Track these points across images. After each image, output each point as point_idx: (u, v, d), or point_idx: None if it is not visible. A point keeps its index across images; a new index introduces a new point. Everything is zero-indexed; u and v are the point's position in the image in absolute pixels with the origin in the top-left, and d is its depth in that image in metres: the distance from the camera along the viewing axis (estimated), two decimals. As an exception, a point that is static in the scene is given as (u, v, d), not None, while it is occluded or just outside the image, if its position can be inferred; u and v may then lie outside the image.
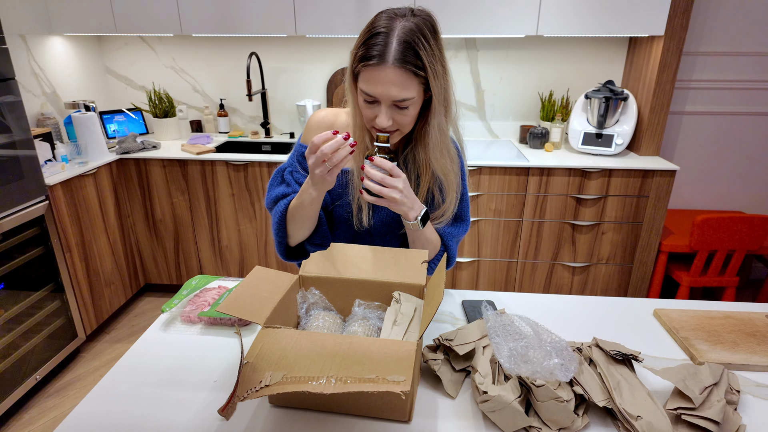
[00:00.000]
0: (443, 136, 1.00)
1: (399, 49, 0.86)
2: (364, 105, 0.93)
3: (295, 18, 2.40)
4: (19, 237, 1.91)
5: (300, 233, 1.06)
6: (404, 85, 0.88)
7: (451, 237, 1.11)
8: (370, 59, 0.87)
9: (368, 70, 0.88)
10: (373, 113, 0.93)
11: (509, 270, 2.56)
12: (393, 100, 0.89)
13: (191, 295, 1.11)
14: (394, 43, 0.86)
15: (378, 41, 0.86)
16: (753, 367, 0.89)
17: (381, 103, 0.90)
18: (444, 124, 0.99)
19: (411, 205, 0.95)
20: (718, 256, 2.22)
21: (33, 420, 1.92)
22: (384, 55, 0.86)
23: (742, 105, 2.67)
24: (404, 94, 0.88)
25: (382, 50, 0.86)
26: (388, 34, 0.86)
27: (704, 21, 2.52)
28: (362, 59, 0.88)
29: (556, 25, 2.31)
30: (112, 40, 2.87)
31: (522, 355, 0.74)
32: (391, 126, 0.93)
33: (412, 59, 0.86)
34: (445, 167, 1.02)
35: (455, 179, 1.05)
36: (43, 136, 2.22)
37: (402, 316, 0.85)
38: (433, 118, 0.96)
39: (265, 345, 0.72)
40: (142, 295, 2.85)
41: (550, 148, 2.55)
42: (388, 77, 0.87)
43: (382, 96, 0.89)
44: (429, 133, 0.98)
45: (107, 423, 0.76)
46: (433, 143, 0.99)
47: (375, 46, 0.86)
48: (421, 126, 1.00)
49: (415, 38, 0.86)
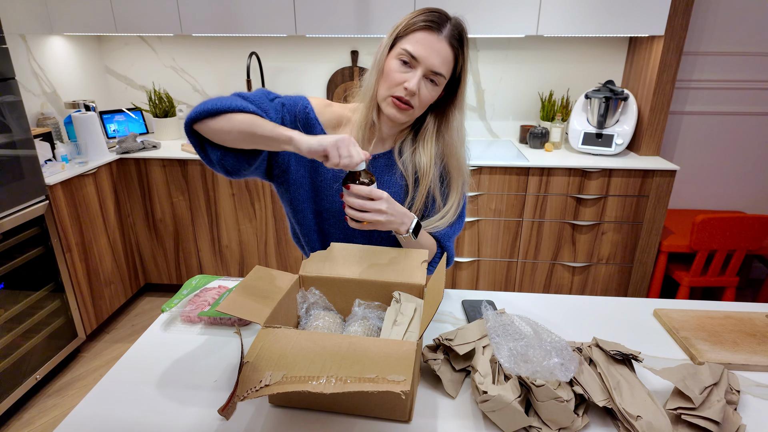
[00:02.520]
0: (463, 134, 1.05)
1: (453, 30, 0.95)
2: (396, 68, 0.95)
3: (295, 18, 2.40)
4: (19, 237, 1.91)
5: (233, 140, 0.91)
6: (446, 60, 0.94)
7: (448, 238, 1.11)
8: (429, 22, 0.93)
9: (422, 32, 0.93)
10: (404, 77, 0.95)
11: (509, 270, 2.56)
12: (431, 69, 0.94)
13: (191, 295, 1.11)
14: (449, 23, 0.95)
15: (436, 16, 0.94)
16: (753, 367, 0.89)
17: (417, 69, 0.94)
18: (463, 122, 1.04)
19: (400, 220, 0.96)
20: (718, 256, 2.22)
21: (33, 420, 1.92)
22: (441, 27, 0.94)
23: (742, 105, 2.67)
24: (442, 69, 0.94)
25: (440, 22, 0.94)
26: (446, 16, 0.95)
27: (704, 21, 2.52)
28: (420, 22, 0.94)
29: (556, 25, 2.31)
30: (112, 40, 2.87)
31: (522, 354, 0.74)
32: (414, 97, 0.96)
33: (459, 43, 0.95)
34: (461, 168, 1.06)
35: (462, 182, 1.07)
36: (43, 136, 2.22)
37: (402, 316, 0.85)
38: (459, 112, 1.02)
39: (265, 345, 0.72)
40: (142, 295, 2.85)
41: (550, 148, 2.55)
42: (438, 45, 0.93)
43: (426, 60, 0.93)
44: (452, 128, 1.03)
45: (107, 423, 0.76)
46: (455, 137, 1.03)
47: (434, 16, 0.94)
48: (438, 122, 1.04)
49: (464, 31, 0.97)
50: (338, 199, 1.08)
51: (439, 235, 1.10)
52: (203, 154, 0.97)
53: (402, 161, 1.06)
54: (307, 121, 1.06)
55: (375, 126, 1.04)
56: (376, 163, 1.07)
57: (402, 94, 0.95)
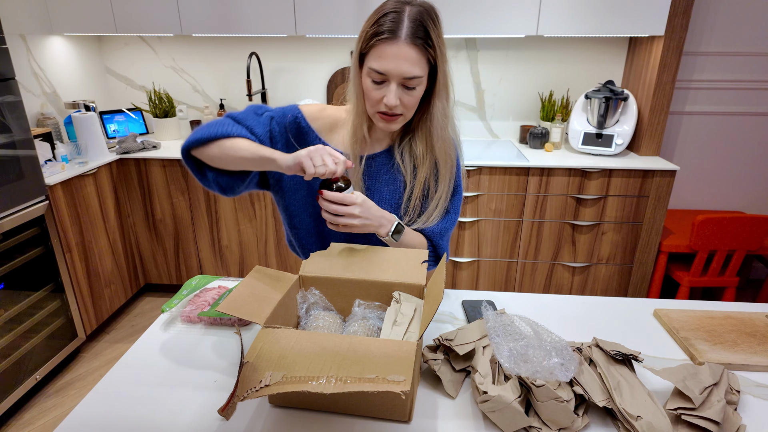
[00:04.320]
0: (446, 120, 1.02)
1: (411, 26, 0.89)
2: (371, 87, 0.94)
3: (295, 18, 2.40)
4: (19, 237, 1.91)
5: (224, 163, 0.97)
6: (415, 61, 0.90)
7: (440, 236, 1.11)
8: (382, 34, 0.89)
9: (381, 45, 0.90)
10: (381, 94, 0.93)
11: (509, 270, 2.56)
12: (403, 77, 0.91)
13: (191, 295, 1.11)
14: (406, 21, 0.89)
15: (389, 19, 0.90)
16: (753, 367, 0.89)
17: (390, 81, 0.92)
18: (447, 108, 1.01)
19: (378, 222, 0.97)
20: (718, 256, 2.22)
21: (33, 420, 1.92)
22: (397, 31, 0.89)
23: (742, 105, 2.67)
24: (415, 71, 0.91)
25: (394, 26, 0.89)
26: (400, 13, 0.90)
27: (704, 21, 2.52)
28: (374, 35, 0.90)
29: (556, 25, 2.31)
30: (112, 40, 2.87)
31: (522, 354, 0.74)
32: (398, 107, 0.94)
33: (422, 36, 0.90)
34: (445, 154, 1.04)
35: (450, 171, 1.06)
36: (43, 136, 2.22)
37: (402, 316, 0.85)
38: (438, 100, 0.99)
39: (265, 345, 0.72)
40: (142, 295, 2.85)
41: (550, 148, 2.55)
42: (401, 52, 0.89)
43: (394, 72, 0.90)
44: (434, 116, 1.00)
45: (107, 423, 0.76)
46: (437, 126, 1.01)
47: (387, 23, 0.90)
48: (423, 113, 1.02)
49: (424, 17, 0.90)
50: None
51: (430, 232, 1.10)
52: (200, 176, 1.02)
53: (401, 157, 1.07)
54: (298, 131, 1.06)
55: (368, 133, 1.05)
56: (376, 161, 1.07)
57: (385, 109, 0.94)
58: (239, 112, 1.04)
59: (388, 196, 1.08)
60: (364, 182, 1.08)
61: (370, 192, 1.09)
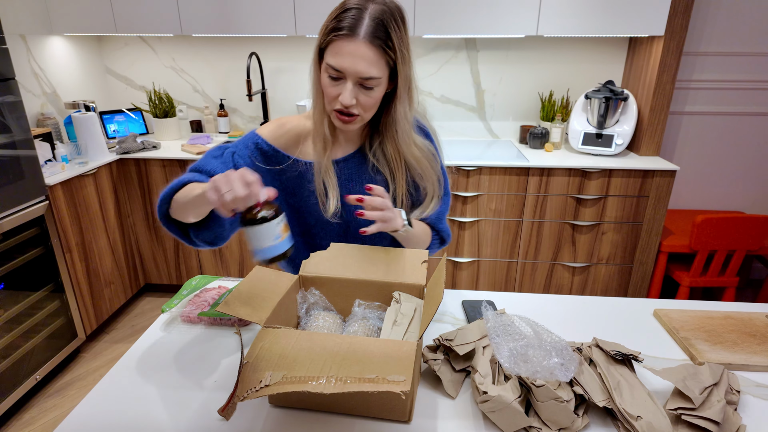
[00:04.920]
0: (409, 125, 1.00)
1: (371, 25, 0.85)
2: (328, 82, 0.90)
3: (295, 18, 2.40)
4: (19, 237, 1.91)
5: (185, 216, 0.89)
6: (373, 61, 0.87)
7: (439, 220, 1.12)
8: (341, 30, 0.86)
9: (338, 42, 0.86)
10: (337, 91, 0.90)
11: (509, 270, 2.56)
12: (360, 77, 0.87)
13: (191, 295, 1.11)
14: (366, 19, 0.86)
15: (350, 15, 0.86)
16: (753, 367, 0.89)
17: (347, 79, 0.88)
18: (409, 112, 0.98)
19: (395, 215, 0.96)
20: (718, 257, 2.22)
21: (33, 420, 1.92)
22: (355, 28, 0.85)
23: (742, 105, 2.67)
24: (372, 72, 0.87)
25: (353, 23, 0.85)
26: (361, 11, 0.86)
27: (704, 21, 2.52)
28: (332, 31, 0.87)
29: (556, 25, 2.31)
30: (112, 40, 2.87)
31: (522, 355, 0.74)
32: (354, 106, 0.91)
33: (382, 36, 0.86)
34: (415, 154, 1.02)
35: (431, 164, 1.05)
36: (43, 136, 2.22)
37: (402, 316, 0.85)
38: (400, 104, 0.96)
39: (265, 345, 0.72)
40: (142, 295, 2.85)
41: (550, 148, 2.55)
42: (358, 51, 0.86)
43: (350, 70, 0.87)
44: (396, 121, 0.98)
45: (107, 423, 0.76)
46: (401, 131, 0.99)
47: (347, 19, 0.86)
48: (386, 117, 0.99)
49: (387, 18, 0.87)
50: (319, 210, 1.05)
51: (429, 219, 1.10)
52: (186, 240, 0.96)
53: (374, 157, 1.05)
54: (264, 155, 1.02)
55: (331, 134, 1.01)
56: (349, 163, 1.05)
57: (340, 107, 0.91)
58: (198, 161, 0.98)
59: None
60: (341, 186, 1.05)
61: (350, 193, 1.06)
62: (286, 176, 1.05)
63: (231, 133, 2.88)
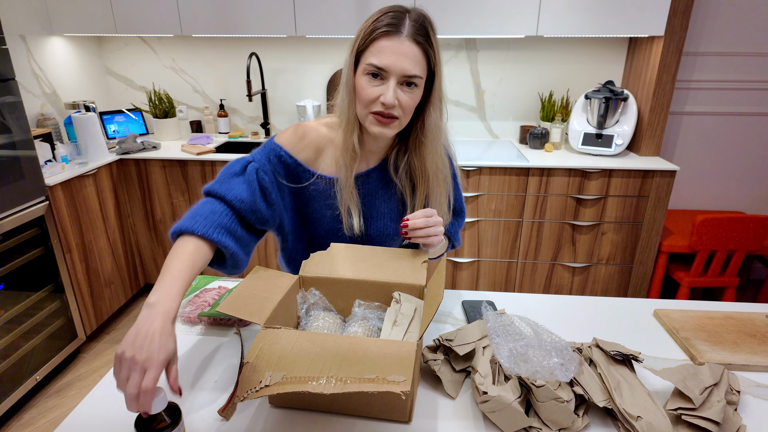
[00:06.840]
0: (439, 133, 0.99)
1: (413, 25, 0.87)
2: (367, 84, 0.89)
3: (295, 18, 2.40)
4: (19, 237, 1.91)
5: None
6: (417, 60, 0.88)
7: (456, 235, 1.15)
8: (383, 29, 0.86)
9: (381, 40, 0.87)
10: (378, 91, 0.88)
11: (509, 270, 2.56)
12: (404, 74, 0.87)
13: (191, 295, 1.11)
14: (407, 20, 0.87)
15: (393, 16, 0.87)
16: (753, 367, 0.89)
17: (389, 78, 0.87)
18: (440, 121, 0.98)
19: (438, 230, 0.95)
20: (718, 257, 2.22)
21: (33, 420, 1.92)
22: (400, 27, 0.86)
23: (742, 105, 2.67)
24: (415, 70, 0.87)
25: (397, 22, 0.87)
26: (402, 13, 0.88)
27: (704, 21, 2.52)
28: (374, 31, 0.87)
29: (556, 25, 2.31)
30: (112, 41, 2.87)
31: (522, 355, 0.74)
32: (395, 109, 0.89)
33: (424, 36, 0.88)
34: (438, 165, 1.02)
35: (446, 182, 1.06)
36: (43, 137, 2.22)
37: (402, 316, 0.85)
38: (433, 110, 0.96)
39: (265, 345, 0.72)
40: (142, 296, 2.85)
41: (550, 149, 2.55)
42: (402, 48, 0.86)
43: (394, 67, 0.86)
44: (428, 128, 0.97)
45: (107, 423, 0.76)
46: (431, 141, 0.98)
47: (388, 19, 0.87)
48: (416, 123, 0.99)
49: (426, 22, 0.89)
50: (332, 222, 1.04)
51: (447, 233, 1.13)
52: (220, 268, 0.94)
53: (396, 172, 1.04)
54: (286, 168, 0.98)
55: (359, 146, 0.98)
56: (370, 178, 1.04)
57: (381, 108, 0.89)
58: (219, 179, 0.95)
59: (387, 211, 1.07)
60: (361, 201, 1.03)
61: (369, 209, 1.05)
62: (302, 188, 1.02)
63: (231, 134, 2.88)
